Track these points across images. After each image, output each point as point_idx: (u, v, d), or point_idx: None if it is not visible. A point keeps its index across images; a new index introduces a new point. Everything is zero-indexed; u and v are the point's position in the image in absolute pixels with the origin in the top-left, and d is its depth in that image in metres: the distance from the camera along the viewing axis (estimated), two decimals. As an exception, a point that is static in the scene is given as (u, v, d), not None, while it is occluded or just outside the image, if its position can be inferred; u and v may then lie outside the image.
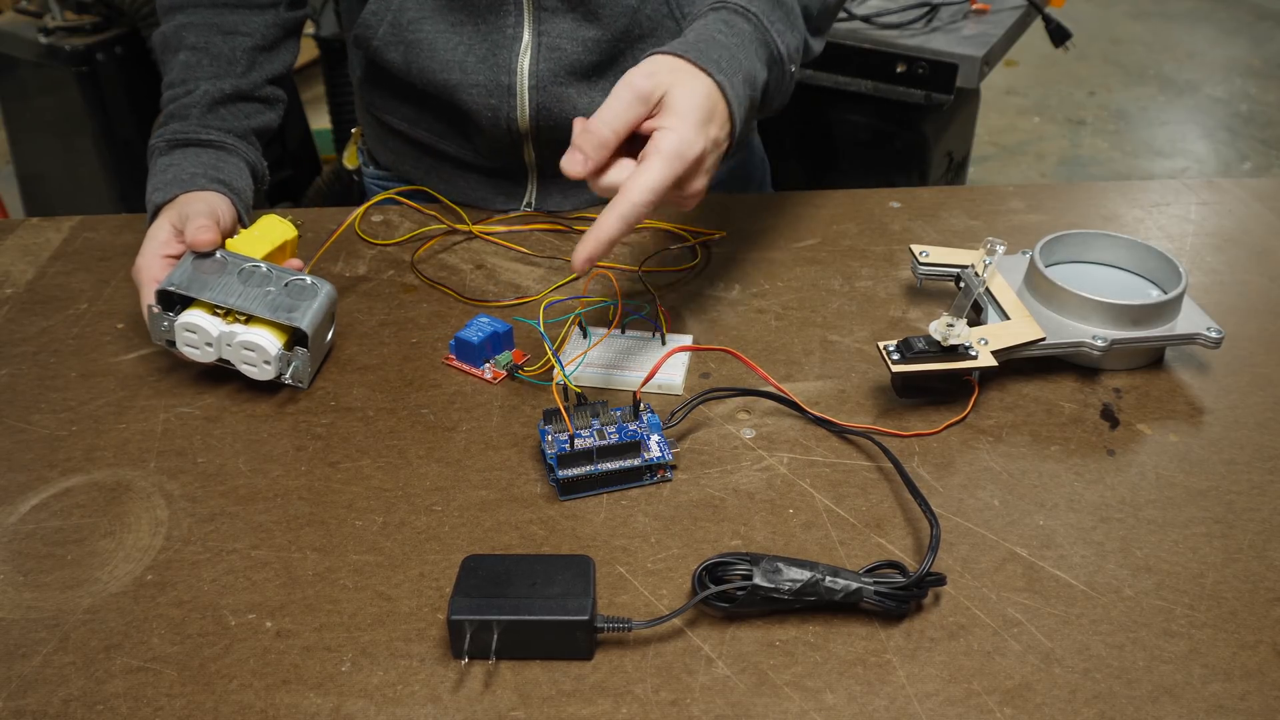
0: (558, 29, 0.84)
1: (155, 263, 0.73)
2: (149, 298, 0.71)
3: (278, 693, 0.51)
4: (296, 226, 0.78)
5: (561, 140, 0.89)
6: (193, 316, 0.68)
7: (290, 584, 0.57)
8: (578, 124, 0.66)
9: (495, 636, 0.51)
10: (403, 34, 0.87)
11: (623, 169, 0.65)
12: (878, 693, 0.51)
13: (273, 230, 0.76)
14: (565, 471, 0.62)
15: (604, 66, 0.87)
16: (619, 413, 0.65)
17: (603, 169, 0.65)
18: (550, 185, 0.94)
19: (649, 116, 0.65)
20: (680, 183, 0.65)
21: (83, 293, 0.83)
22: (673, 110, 0.64)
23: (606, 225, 0.63)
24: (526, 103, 0.86)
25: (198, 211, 0.73)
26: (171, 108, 0.83)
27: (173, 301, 0.70)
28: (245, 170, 0.83)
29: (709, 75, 0.67)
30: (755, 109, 0.73)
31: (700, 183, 0.67)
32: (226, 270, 0.70)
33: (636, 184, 0.62)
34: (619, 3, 0.84)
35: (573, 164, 0.64)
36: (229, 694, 0.51)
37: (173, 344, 0.70)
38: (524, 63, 0.85)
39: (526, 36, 0.85)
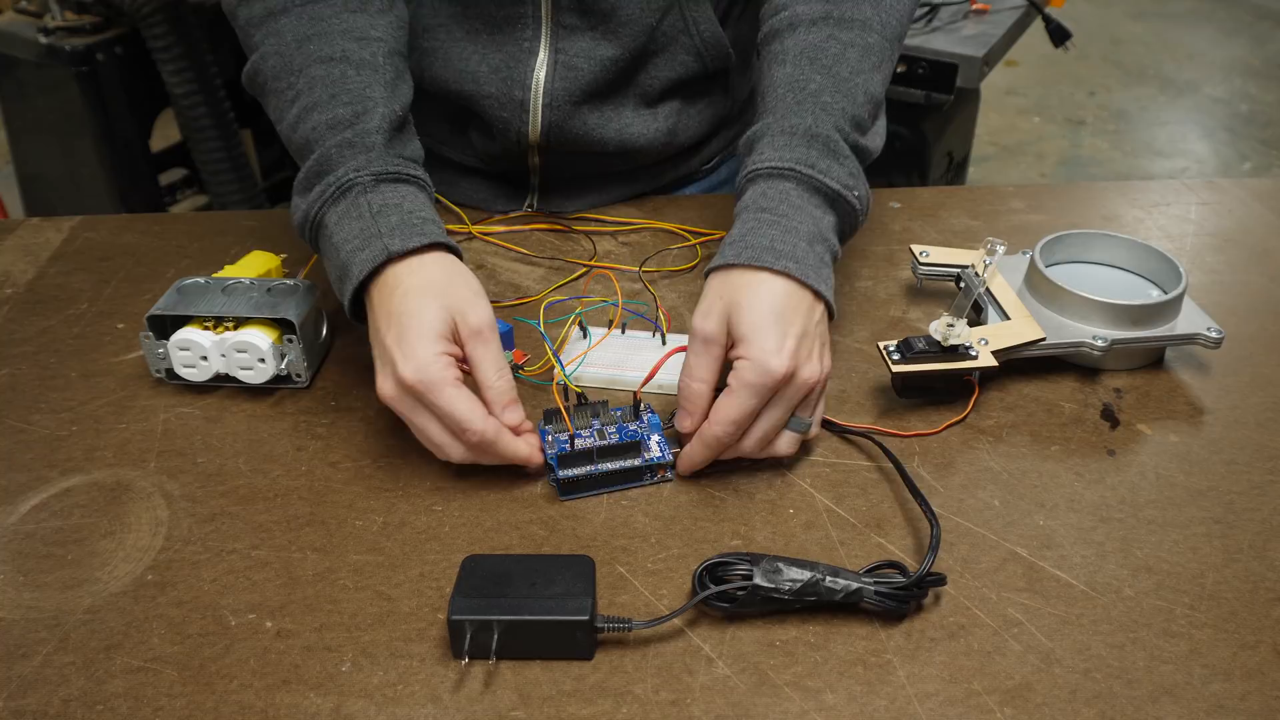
0: (575, 47, 0.84)
1: (441, 363, 0.60)
2: (453, 402, 0.59)
3: (278, 693, 0.51)
4: (279, 257, 0.81)
5: (568, 151, 0.89)
6: (185, 334, 0.69)
7: (290, 584, 0.57)
8: (681, 385, 0.63)
9: (495, 636, 0.51)
10: (417, 40, 0.86)
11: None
12: (878, 693, 0.51)
13: (256, 261, 0.79)
14: (565, 471, 0.62)
15: (618, 85, 0.87)
16: (619, 413, 0.65)
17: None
18: (551, 190, 0.94)
19: (731, 347, 0.62)
20: (779, 395, 0.61)
21: (83, 293, 0.83)
22: (743, 338, 0.60)
23: (697, 453, 0.63)
24: (540, 119, 0.86)
25: (490, 354, 0.61)
26: (347, 135, 0.67)
27: (165, 332, 0.70)
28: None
29: (766, 271, 0.62)
30: (837, 251, 0.68)
31: (804, 396, 0.62)
32: (210, 290, 0.72)
33: (718, 416, 0.61)
34: (638, 21, 0.83)
35: (685, 424, 0.63)
36: (229, 694, 0.51)
37: (172, 374, 0.71)
38: (539, 78, 0.85)
39: (543, 53, 0.84)
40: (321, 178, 0.67)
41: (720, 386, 0.62)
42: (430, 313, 0.60)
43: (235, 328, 0.70)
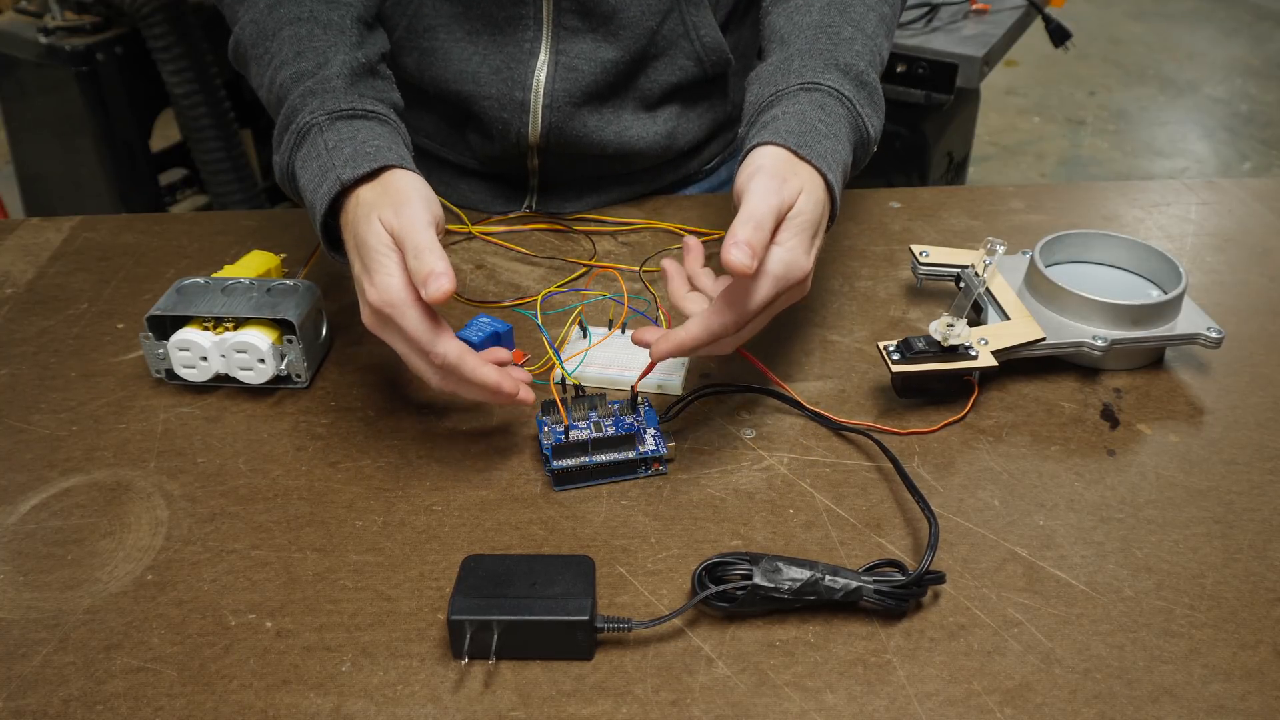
0: (576, 49, 0.84)
1: (400, 283, 0.60)
2: (414, 324, 0.60)
3: (278, 693, 0.51)
4: (279, 257, 0.80)
5: (567, 154, 0.89)
6: (184, 334, 0.69)
7: (290, 584, 0.57)
8: (742, 220, 0.59)
9: (495, 636, 0.51)
10: (418, 40, 0.86)
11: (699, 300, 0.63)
12: (878, 693, 0.51)
13: (256, 261, 0.79)
14: (560, 462, 0.62)
15: (618, 87, 0.87)
16: (616, 406, 0.65)
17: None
18: (550, 192, 0.94)
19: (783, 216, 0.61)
20: (777, 300, 0.61)
21: (83, 293, 0.83)
22: (792, 223, 0.61)
23: (693, 334, 0.60)
24: (540, 120, 0.86)
25: (426, 242, 0.60)
26: (309, 84, 0.69)
27: (165, 332, 0.70)
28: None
29: (821, 175, 0.63)
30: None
31: (797, 297, 0.63)
32: (210, 290, 0.72)
33: (735, 303, 0.59)
34: (639, 24, 0.83)
35: (741, 257, 0.57)
36: (229, 694, 0.51)
37: (172, 374, 0.71)
38: (539, 80, 0.85)
39: (543, 54, 0.84)
40: (287, 128, 0.69)
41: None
42: (375, 233, 0.61)
43: (235, 328, 0.70)
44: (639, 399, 0.66)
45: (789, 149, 0.64)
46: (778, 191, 0.60)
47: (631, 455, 0.63)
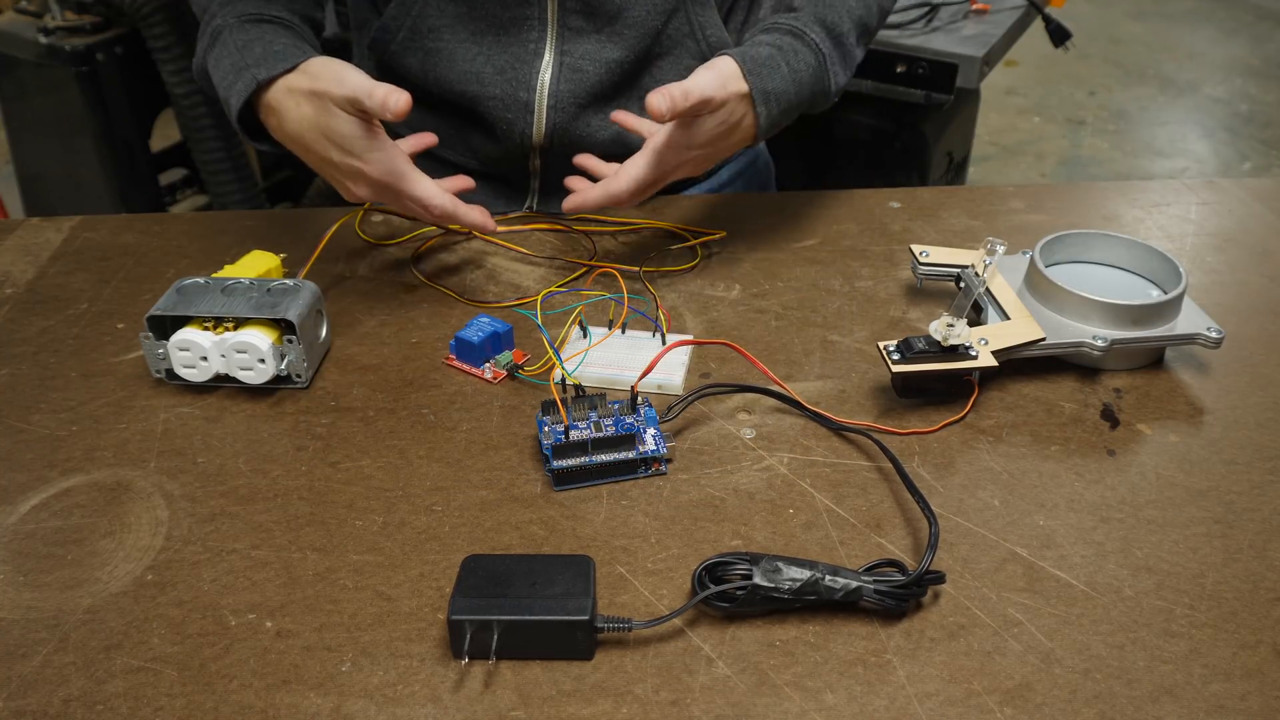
0: (580, 50, 0.84)
1: (392, 152, 0.73)
2: (412, 185, 0.73)
3: (278, 693, 0.51)
4: (279, 257, 0.80)
5: (570, 155, 0.89)
6: (185, 334, 0.69)
7: (290, 584, 0.57)
8: (678, 85, 0.72)
9: (495, 636, 0.51)
10: (422, 41, 0.86)
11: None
12: (878, 693, 0.51)
13: (257, 261, 0.79)
14: (560, 462, 0.62)
15: (622, 88, 0.87)
16: (616, 406, 0.65)
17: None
18: (551, 193, 0.94)
19: (709, 111, 0.75)
20: (688, 132, 0.75)
21: (83, 293, 0.83)
22: (695, 126, 0.76)
23: (593, 198, 0.77)
24: (544, 121, 0.86)
25: (373, 85, 0.69)
26: None
27: (165, 332, 0.70)
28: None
29: (753, 108, 0.77)
30: (779, 127, 0.81)
31: (699, 139, 0.76)
32: (210, 290, 0.72)
33: (625, 172, 0.76)
34: (644, 23, 0.83)
35: (661, 101, 0.71)
36: (229, 694, 0.51)
37: (172, 374, 0.71)
38: (544, 80, 0.84)
39: (548, 55, 0.84)
40: (204, 32, 0.78)
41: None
42: (343, 120, 0.71)
43: (235, 328, 0.70)
44: (639, 399, 0.66)
45: (743, 70, 0.76)
46: (718, 89, 0.74)
47: (631, 455, 0.63)
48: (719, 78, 0.75)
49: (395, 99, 0.68)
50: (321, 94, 0.71)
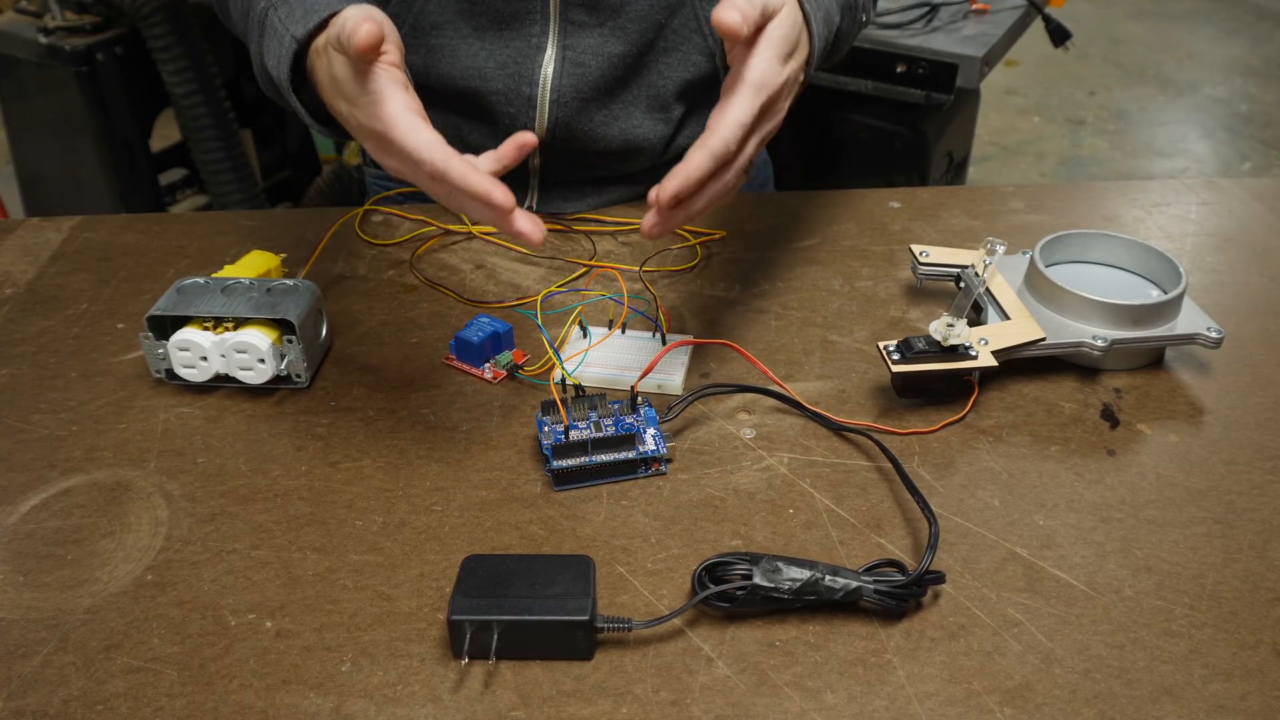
0: (583, 44, 0.84)
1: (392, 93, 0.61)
2: (406, 133, 0.60)
3: (278, 693, 0.51)
4: (279, 257, 0.80)
5: (571, 151, 0.89)
6: (184, 334, 0.69)
7: (290, 584, 0.57)
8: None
9: (495, 637, 0.51)
10: (424, 38, 0.86)
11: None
12: (878, 693, 0.51)
13: (256, 261, 0.79)
14: (560, 462, 0.62)
15: (625, 82, 0.87)
16: (616, 406, 0.65)
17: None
18: (551, 192, 0.94)
19: (760, 27, 0.62)
20: (761, 118, 0.62)
21: (83, 293, 0.83)
22: (766, 36, 0.62)
23: (697, 162, 0.59)
24: (546, 116, 0.86)
25: (350, 11, 0.62)
26: None
27: (165, 332, 0.70)
28: None
29: (800, 5, 0.66)
30: (827, 54, 0.74)
31: (776, 121, 0.65)
32: (210, 290, 0.72)
33: (726, 120, 0.60)
34: (648, 17, 0.83)
35: (733, 15, 0.59)
36: (229, 694, 0.51)
37: (171, 374, 0.71)
38: (546, 74, 0.84)
39: (551, 49, 0.84)
40: (255, 26, 0.70)
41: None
42: (339, 64, 0.62)
43: (235, 328, 0.70)
44: (639, 399, 0.66)
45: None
46: None
47: (631, 455, 0.63)
48: None
49: (364, 29, 0.58)
50: (328, 39, 0.64)
